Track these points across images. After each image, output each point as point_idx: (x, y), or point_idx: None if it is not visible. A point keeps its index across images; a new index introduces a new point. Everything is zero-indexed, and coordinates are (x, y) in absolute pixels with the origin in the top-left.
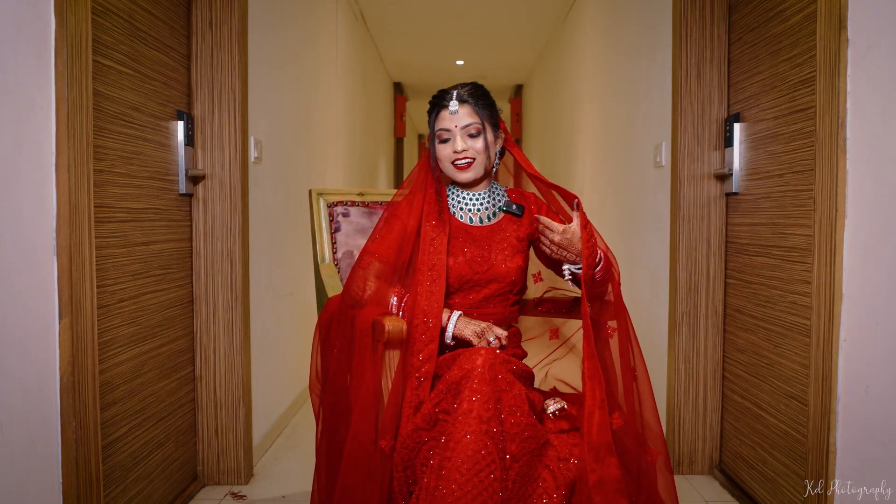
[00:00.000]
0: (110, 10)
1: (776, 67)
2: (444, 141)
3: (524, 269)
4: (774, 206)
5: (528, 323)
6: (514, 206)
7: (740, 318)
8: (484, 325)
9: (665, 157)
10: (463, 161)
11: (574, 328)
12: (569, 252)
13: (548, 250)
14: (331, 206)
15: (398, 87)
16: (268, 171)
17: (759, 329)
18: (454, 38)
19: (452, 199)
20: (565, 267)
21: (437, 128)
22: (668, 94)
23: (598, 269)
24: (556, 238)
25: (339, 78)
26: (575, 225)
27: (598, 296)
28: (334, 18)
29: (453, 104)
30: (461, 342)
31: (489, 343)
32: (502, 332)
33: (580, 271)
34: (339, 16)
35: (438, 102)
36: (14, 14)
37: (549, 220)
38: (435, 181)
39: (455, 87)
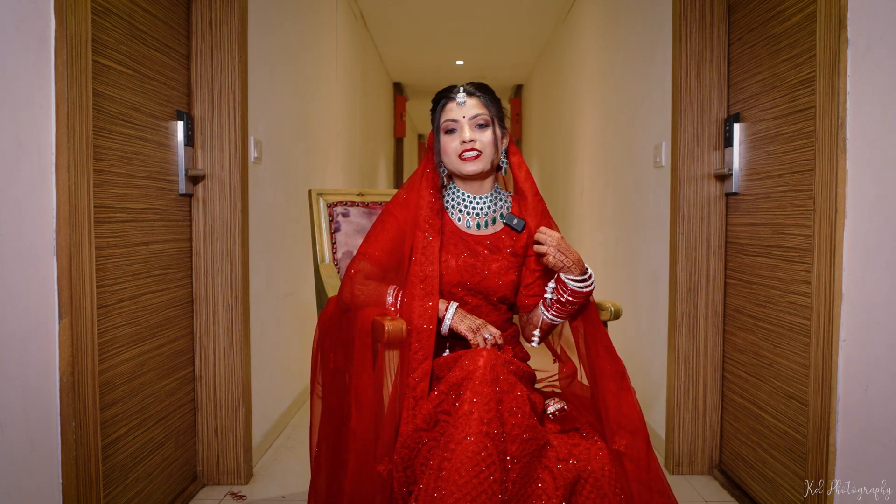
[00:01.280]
0: (110, 10)
1: (776, 67)
2: (451, 132)
3: (516, 283)
4: (774, 207)
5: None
6: (516, 221)
7: (740, 319)
8: (479, 321)
9: (665, 158)
10: (470, 152)
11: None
12: (567, 258)
13: (552, 258)
14: (331, 206)
15: (398, 87)
16: (268, 171)
17: (759, 329)
18: (454, 38)
19: (451, 198)
20: (567, 279)
21: (443, 119)
22: (667, 95)
23: (590, 286)
24: (554, 239)
25: (339, 78)
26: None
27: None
28: (334, 18)
29: (461, 95)
30: (455, 335)
31: (485, 340)
32: (496, 331)
33: (579, 286)
34: (338, 16)
35: (445, 95)
36: (14, 14)
37: (546, 227)
38: (433, 179)
39: (462, 84)
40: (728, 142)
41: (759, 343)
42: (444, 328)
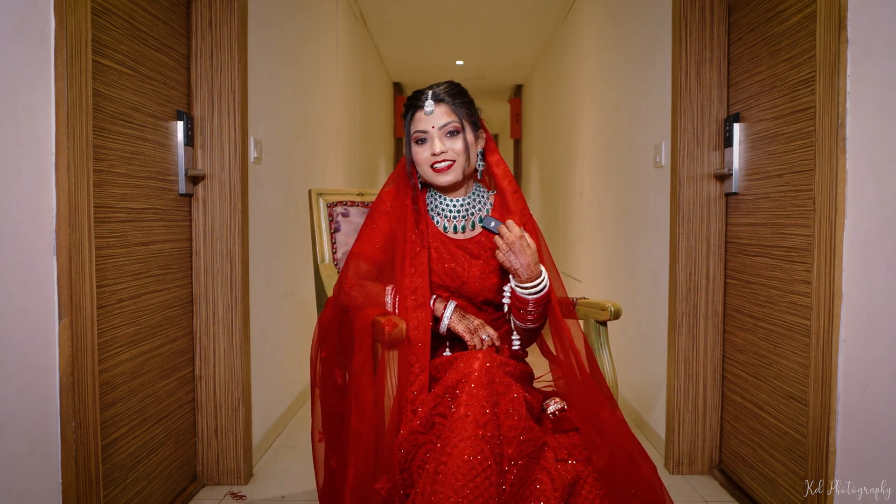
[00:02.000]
0: (110, 10)
1: (776, 67)
2: (421, 142)
3: (499, 286)
4: (774, 207)
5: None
6: (493, 224)
7: (740, 318)
8: (477, 322)
9: (665, 158)
10: (442, 163)
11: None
12: (517, 258)
13: (501, 255)
14: (330, 206)
15: (398, 87)
16: (268, 171)
17: (759, 329)
18: (454, 38)
19: (432, 202)
20: (510, 286)
21: (412, 130)
22: (667, 94)
23: (538, 293)
24: (511, 238)
25: (339, 78)
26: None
27: (527, 331)
28: (334, 18)
29: (428, 104)
30: (454, 335)
31: (482, 341)
32: (494, 333)
33: (522, 292)
34: (338, 16)
35: (413, 104)
36: (14, 14)
37: (513, 223)
38: (412, 188)
39: (430, 87)
40: (728, 142)
41: (759, 343)
42: (443, 327)
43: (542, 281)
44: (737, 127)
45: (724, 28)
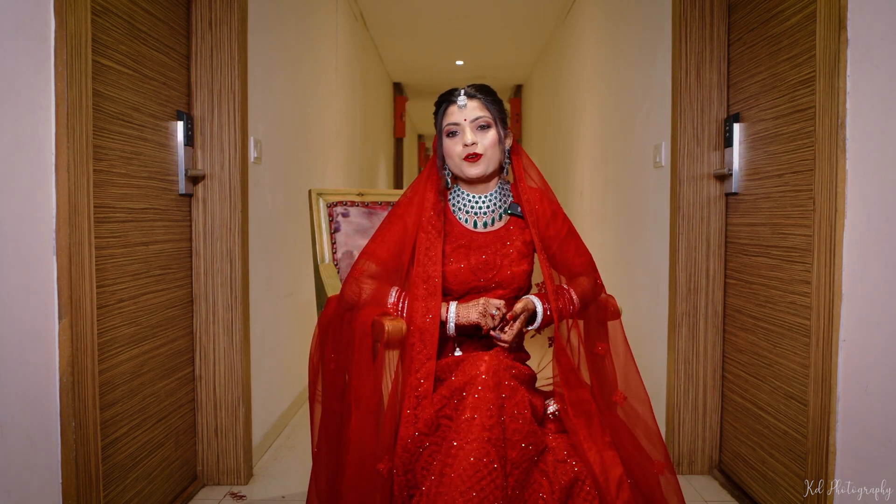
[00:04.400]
0: (110, 10)
1: (776, 67)
2: (453, 135)
3: (530, 273)
4: (774, 207)
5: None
6: (519, 209)
7: (740, 319)
8: (480, 303)
9: (665, 158)
10: (473, 154)
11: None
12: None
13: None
14: (330, 206)
15: (398, 88)
16: (268, 171)
17: (759, 329)
18: (454, 38)
19: (458, 201)
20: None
21: (445, 123)
22: (667, 95)
23: (539, 324)
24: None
25: (339, 78)
26: (536, 304)
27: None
28: (334, 19)
29: (462, 98)
30: (462, 333)
31: (493, 317)
32: (498, 302)
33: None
34: (338, 16)
35: (446, 98)
36: (14, 14)
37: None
38: (437, 181)
39: (463, 86)
40: (728, 142)
41: (759, 343)
42: (451, 329)
43: (538, 316)
44: (737, 127)
45: (724, 28)
